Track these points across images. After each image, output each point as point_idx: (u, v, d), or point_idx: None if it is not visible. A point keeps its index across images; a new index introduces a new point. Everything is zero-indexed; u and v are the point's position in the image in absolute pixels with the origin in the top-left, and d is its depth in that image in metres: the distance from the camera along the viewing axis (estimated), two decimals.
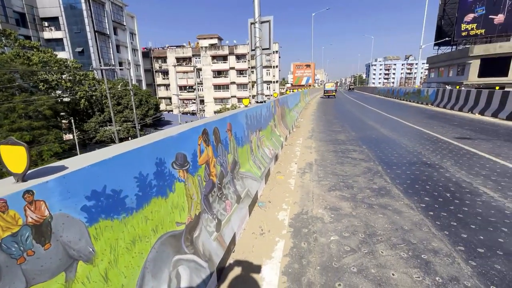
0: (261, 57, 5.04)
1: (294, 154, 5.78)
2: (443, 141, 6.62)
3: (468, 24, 33.30)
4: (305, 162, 5.13)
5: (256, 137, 4.26)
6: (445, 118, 10.90)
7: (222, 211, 2.45)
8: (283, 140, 6.41)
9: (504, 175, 4.13)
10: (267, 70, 56.27)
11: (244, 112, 3.59)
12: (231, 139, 2.99)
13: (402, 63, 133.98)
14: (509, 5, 30.42)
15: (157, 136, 1.70)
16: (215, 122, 2.53)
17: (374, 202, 3.33)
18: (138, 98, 35.79)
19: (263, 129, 4.91)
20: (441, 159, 5.05)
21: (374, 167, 4.68)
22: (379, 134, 7.79)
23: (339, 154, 5.60)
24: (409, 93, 22.42)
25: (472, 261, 2.18)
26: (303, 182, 4.08)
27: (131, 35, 51.04)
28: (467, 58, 31.38)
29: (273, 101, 6.30)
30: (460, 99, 14.15)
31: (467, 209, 3.08)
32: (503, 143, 6.25)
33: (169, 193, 1.69)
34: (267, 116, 5.29)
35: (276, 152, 5.17)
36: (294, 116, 10.80)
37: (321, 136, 7.66)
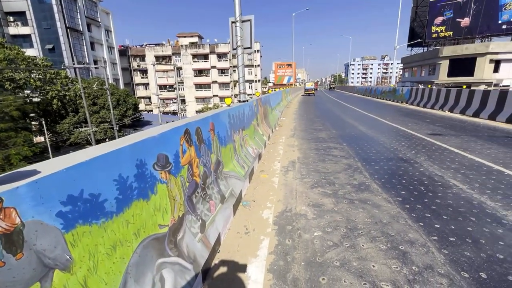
0: (242, 56, 5.03)
1: (277, 152, 5.84)
2: (417, 137, 6.97)
3: (438, 27, 35.26)
4: (288, 160, 5.20)
5: (239, 136, 4.25)
6: (419, 116, 11.49)
7: (206, 211, 2.43)
8: (266, 139, 6.45)
9: (472, 168, 4.43)
10: (249, 69, 56.24)
11: (226, 112, 3.57)
12: (214, 139, 2.96)
13: (379, 63, 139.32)
14: (474, 10, 32.58)
15: (137, 137, 1.64)
16: (198, 122, 2.50)
17: (355, 197, 3.44)
18: (116, 97, 34.46)
19: (246, 128, 4.91)
20: (416, 155, 5.32)
21: (354, 164, 4.84)
22: (358, 131, 8.05)
23: (321, 152, 5.73)
24: (386, 92, 23.37)
25: (445, 250, 2.33)
26: (286, 180, 4.13)
27: (107, 32, 48.94)
28: (437, 58, 33.26)
29: (256, 100, 6.31)
30: (431, 98, 14.97)
31: (440, 201, 3.27)
32: (470, 138, 6.70)
33: (151, 195, 1.65)
34: (250, 116, 5.30)
35: (259, 151, 5.19)
36: (277, 115, 10.90)
37: (303, 135, 7.79)
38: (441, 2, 34.29)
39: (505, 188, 3.59)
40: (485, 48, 29.83)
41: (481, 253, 2.27)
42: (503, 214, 2.90)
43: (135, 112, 37.11)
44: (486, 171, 4.30)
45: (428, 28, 35.77)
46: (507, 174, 4.14)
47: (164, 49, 56.85)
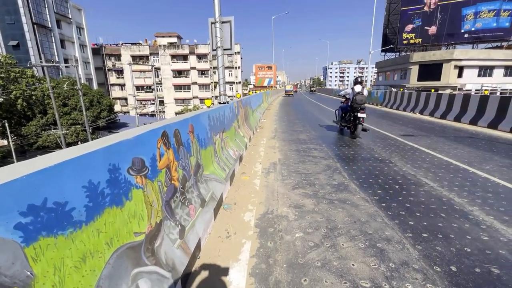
0: (222, 58, 4.98)
1: (259, 154, 5.84)
2: (391, 138, 7.30)
3: (408, 34, 37.41)
4: (269, 162, 5.21)
5: (220, 138, 4.19)
6: (392, 118, 12.05)
7: (185, 216, 2.35)
8: (247, 141, 6.43)
9: (441, 167, 4.71)
10: (230, 71, 56.04)
11: (206, 113, 3.50)
12: (194, 141, 2.89)
13: (355, 67, 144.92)
14: (439, 19, 34.98)
15: (110, 140, 1.55)
16: (176, 124, 2.41)
17: (334, 197, 3.51)
18: (89, 98, 32.80)
19: (227, 130, 4.85)
20: (390, 155, 5.56)
21: (333, 164, 4.95)
22: (336, 132, 8.28)
23: (301, 153, 5.80)
24: None
25: (419, 245, 2.43)
26: (267, 182, 4.13)
27: (79, 30, 46.52)
28: (408, 63, 35.23)
29: (236, 102, 6.27)
30: (404, 101, 15.79)
31: (413, 198, 3.43)
32: (438, 139, 7.13)
33: (125, 202, 1.56)
34: (230, 117, 5.25)
35: (240, 153, 5.16)
36: (258, 116, 10.93)
37: (284, 136, 7.87)
38: (410, 11, 36.43)
39: (470, 185, 3.84)
40: (450, 55, 32.09)
41: (451, 247, 2.40)
42: (469, 210, 3.10)
43: (110, 114, 35.51)
44: (453, 169, 4.58)
45: (400, 35, 37.83)
46: (472, 172, 4.44)
47: (141, 48, 55.07)
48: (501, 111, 8.88)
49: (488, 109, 9.44)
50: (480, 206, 3.20)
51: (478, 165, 4.76)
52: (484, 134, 7.81)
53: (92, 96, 33.22)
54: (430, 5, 35.03)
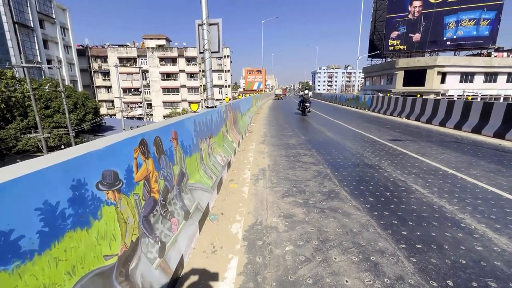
0: (210, 60, 4.82)
1: (247, 160, 5.68)
2: (380, 143, 7.32)
3: (393, 40, 38.49)
4: (258, 168, 5.06)
5: (206, 144, 4.01)
6: (380, 122, 12.20)
7: (167, 231, 2.16)
8: (235, 146, 6.26)
9: (430, 173, 4.70)
10: (219, 74, 55.84)
11: (192, 118, 3.32)
12: (177, 149, 2.70)
13: (343, 72, 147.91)
14: (423, 27, 36.21)
15: (75, 151, 1.36)
16: (156, 131, 2.23)
17: (325, 206, 3.40)
18: (73, 100, 31.77)
19: (215, 135, 4.68)
20: (380, 160, 5.53)
21: (323, 170, 4.86)
22: (326, 137, 8.25)
23: (291, 159, 5.69)
24: (350, 99, 24.67)
25: (413, 258, 2.34)
26: (256, 190, 3.98)
27: (63, 30, 45.21)
28: (394, 69, 36.18)
29: (225, 106, 6.12)
30: (390, 105, 16.08)
31: (404, 206, 3.36)
32: (426, 144, 7.20)
33: (93, 222, 1.37)
34: (218, 122, 5.08)
35: (228, 159, 4.99)
36: (247, 120, 10.79)
37: (273, 141, 7.76)
38: (396, 18, 37.54)
39: (459, 192, 3.83)
40: (433, 61, 33.19)
41: (446, 259, 2.32)
42: (460, 218, 3.05)
43: (95, 117, 34.47)
44: (442, 175, 4.58)
45: (386, 41, 38.85)
46: (460, 177, 4.45)
47: (129, 50, 54.12)
48: (484, 117, 9.13)
49: (472, 115, 9.69)
50: (471, 213, 3.16)
51: (465, 171, 4.79)
52: (469, 139, 7.98)
53: (76, 98, 32.19)
54: (414, 13, 36.23)
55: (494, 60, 34.15)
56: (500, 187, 3.97)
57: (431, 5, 35.06)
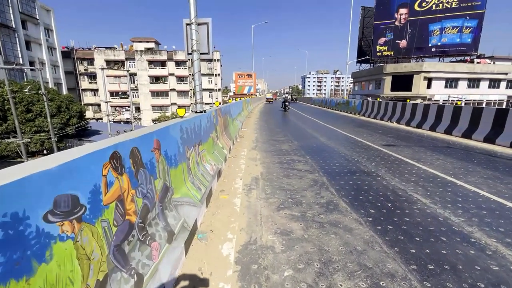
0: (198, 62, 4.52)
1: (239, 167, 5.37)
2: (374, 148, 7.17)
3: (381, 46, 39.32)
4: (251, 177, 4.76)
5: (195, 152, 3.69)
6: (371, 127, 12.17)
7: (145, 260, 1.82)
8: (226, 152, 5.95)
9: (428, 180, 4.53)
10: (209, 78, 55.42)
11: (178, 125, 3.00)
12: (160, 160, 2.38)
13: (332, 77, 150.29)
14: (409, 34, 37.19)
15: (15, 173, 1.02)
16: (134, 141, 1.90)
17: (325, 219, 3.13)
18: (56, 104, 30.60)
19: (204, 142, 4.36)
20: (376, 167, 5.35)
21: (319, 179, 4.61)
22: (319, 143, 8.05)
23: (285, 166, 5.43)
24: (340, 104, 24.81)
25: (427, 282, 2.09)
26: (249, 202, 3.67)
27: (47, 31, 43.80)
28: (382, 74, 36.88)
29: (215, 110, 5.80)
30: (381, 110, 16.17)
31: (408, 219, 3.14)
32: (419, 149, 7.11)
33: (37, 267, 1.03)
34: (208, 128, 4.76)
35: (219, 167, 4.66)
36: (238, 125, 10.49)
37: (266, 147, 7.48)
38: (383, 25, 38.41)
39: (462, 201, 3.65)
40: (420, 67, 34.05)
41: (462, 282, 2.08)
42: (469, 232, 2.85)
43: (80, 121, 33.30)
44: (441, 182, 4.42)
45: (374, 47, 39.63)
46: (460, 185, 4.30)
47: (117, 53, 53.02)
48: (474, 122, 9.19)
49: (462, 120, 9.75)
50: (478, 226, 2.97)
51: (464, 178, 4.65)
52: (460, 144, 7.97)
53: (60, 102, 31.03)
54: (400, 20, 37.18)
55: (477, 66, 35.40)
56: (502, 196, 3.83)
57: (417, 12, 36.09)
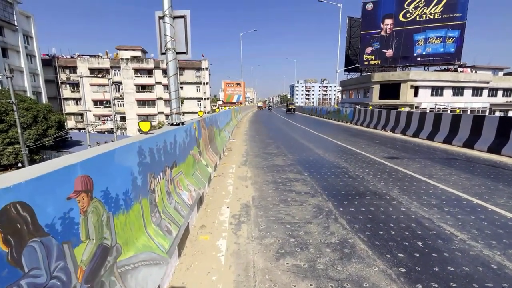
0: (175, 63, 3.66)
1: (226, 190, 4.46)
2: (377, 162, 6.45)
3: (368, 55, 39.84)
4: (241, 204, 3.86)
5: (165, 179, 2.78)
6: (366, 136, 11.57)
7: None
8: (211, 171, 5.04)
9: (452, 204, 3.79)
10: (197, 86, 54.57)
11: (134, 146, 2.10)
12: (92, 209, 1.47)
13: (319, 85, 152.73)
14: (395, 43, 37.91)
15: None
16: (15, 191, 1.00)
17: (342, 274, 2.27)
18: (33, 113, 28.80)
19: (180, 162, 3.45)
20: (386, 186, 4.58)
21: (324, 205, 3.77)
22: (315, 155, 7.27)
23: (281, 187, 4.57)
24: (331, 112, 24.43)
25: None
26: (238, 244, 2.77)
27: (26, 38, 41.98)
28: (370, 83, 37.17)
29: (197, 122, 4.92)
30: (373, 118, 15.71)
31: (453, 268, 2.33)
32: (426, 162, 6.44)
33: None
34: (187, 144, 3.87)
35: (200, 193, 3.75)
36: (226, 136, 9.61)
37: (257, 162, 6.62)
38: (370, 35, 39.03)
39: (507, 235, 2.90)
40: (407, 76, 34.53)
41: None
42: None
43: (59, 131, 31.44)
44: (468, 206, 3.68)
45: (361, 56, 40.11)
46: (491, 210, 3.58)
47: (101, 61, 51.50)
48: (475, 131, 8.70)
49: (462, 128, 9.27)
50: None
51: (491, 199, 3.94)
52: (465, 155, 7.40)
53: (37, 111, 29.24)
54: (386, 30, 37.90)
55: (460, 75, 36.31)
56: None
57: (401, 23, 36.91)
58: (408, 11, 36.15)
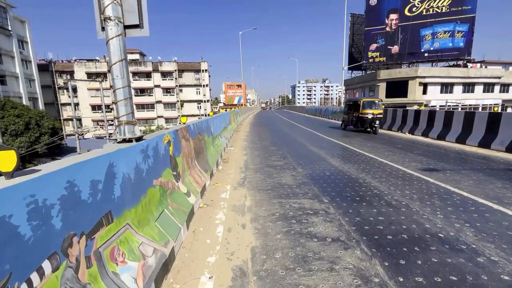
0: (120, 42, 2.24)
1: (212, 235, 3.01)
2: (414, 178, 4.97)
3: (373, 52, 38.28)
4: (232, 268, 2.41)
5: (65, 265, 1.34)
6: (384, 140, 10.07)
7: None
8: (194, 200, 3.58)
9: None
10: (197, 88, 53.33)
11: None
12: None
13: (321, 85, 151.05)
14: (401, 39, 36.33)
15: None
16: None
17: None
18: (24, 120, 27.63)
19: (127, 208, 2.02)
20: (451, 223, 3.10)
21: (369, 268, 2.31)
22: (331, 168, 5.80)
23: (294, 227, 3.10)
24: (337, 112, 22.92)
25: None
26: None
27: (21, 43, 41.09)
28: (376, 81, 35.59)
29: (173, 132, 3.47)
30: (387, 118, 14.18)
31: None
32: (477, 175, 4.95)
33: None
34: (145, 172, 2.44)
35: (166, 252, 2.31)
36: (222, 144, 8.17)
37: (259, 180, 5.16)
38: (374, 31, 37.49)
39: None
40: (415, 72, 32.91)
41: None
42: None
43: (54, 138, 30.23)
44: None
45: (365, 54, 38.58)
46: None
47: (98, 65, 50.55)
48: None
49: (503, 129, 7.76)
50: None
51: None
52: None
53: (29, 118, 28.05)
54: (391, 26, 36.35)
55: (471, 70, 34.64)
56: None
57: (407, 18, 35.36)
58: (414, 5, 34.59)
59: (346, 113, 14.04)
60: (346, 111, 14.09)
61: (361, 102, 12.19)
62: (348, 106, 13.74)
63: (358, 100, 12.60)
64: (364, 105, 12.05)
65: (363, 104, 12.08)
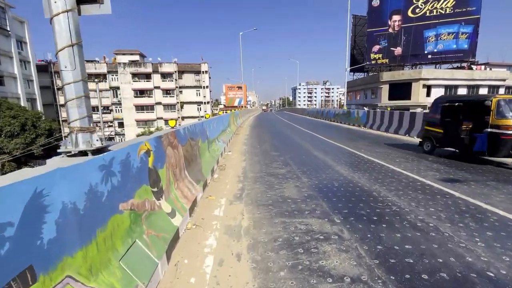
0: (71, 18, 1.65)
1: (197, 272, 2.38)
2: (436, 190, 4.34)
3: (375, 54, 37.71)
4: None
5: None
6: (392, 144, 9.45)
7: None
8: (180, 221, 2.96)
9: None
10: (197, 90, 52.81)
11: None
12: None
13: (322, 87, 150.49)
14: (404, 41, 35.77)
15: None
16: None
17: None
18: (20, 122, 27.09)
19: (75, 249, 1.42)
20: (493, 253, 2.49)
21: None
22: (340, 177, 5.18)
23: (302, 260, 2.48)
24: (339, 115, 22.34)
25: None
26: None
27: (20, 44, 40.69)
28: (378, 83, 35.01)
29: (154, 139, 2.87)
30: (393, 122, 13.57)
31: None
32: (507, 187, 4.33)
33: None
34: (106, 194, 1.83)
35: None
36: (219, 149, 7.56)
37: (258, 191, 4.54)
38: (376, 32, 36.95)
39: None
40: (418, 74, 32.32)
41: None
42: None
43: (50, 139, 29.68)
44: None
45: (367, 55, 38.00)
46: None
47: (98, 66, 50.05)
48: None
49: None
50: None
51: None
52: None
53: (25, 119, 27.51)
54: (394, 27, 35.81)
55: (475, 72, 34.03)
56: None
57: (410, 19, 34.82)
58: (417, 6, 34.06)
59: (439, 124, 7.17)
60: (439, 121, 7.15)
61: (495, 101, 5.79)
62: (447, 110, 7.08)
63: (480, 99, 6.39)
64: (503, 107, 5.70)
65: (500, 106, 5.75)
